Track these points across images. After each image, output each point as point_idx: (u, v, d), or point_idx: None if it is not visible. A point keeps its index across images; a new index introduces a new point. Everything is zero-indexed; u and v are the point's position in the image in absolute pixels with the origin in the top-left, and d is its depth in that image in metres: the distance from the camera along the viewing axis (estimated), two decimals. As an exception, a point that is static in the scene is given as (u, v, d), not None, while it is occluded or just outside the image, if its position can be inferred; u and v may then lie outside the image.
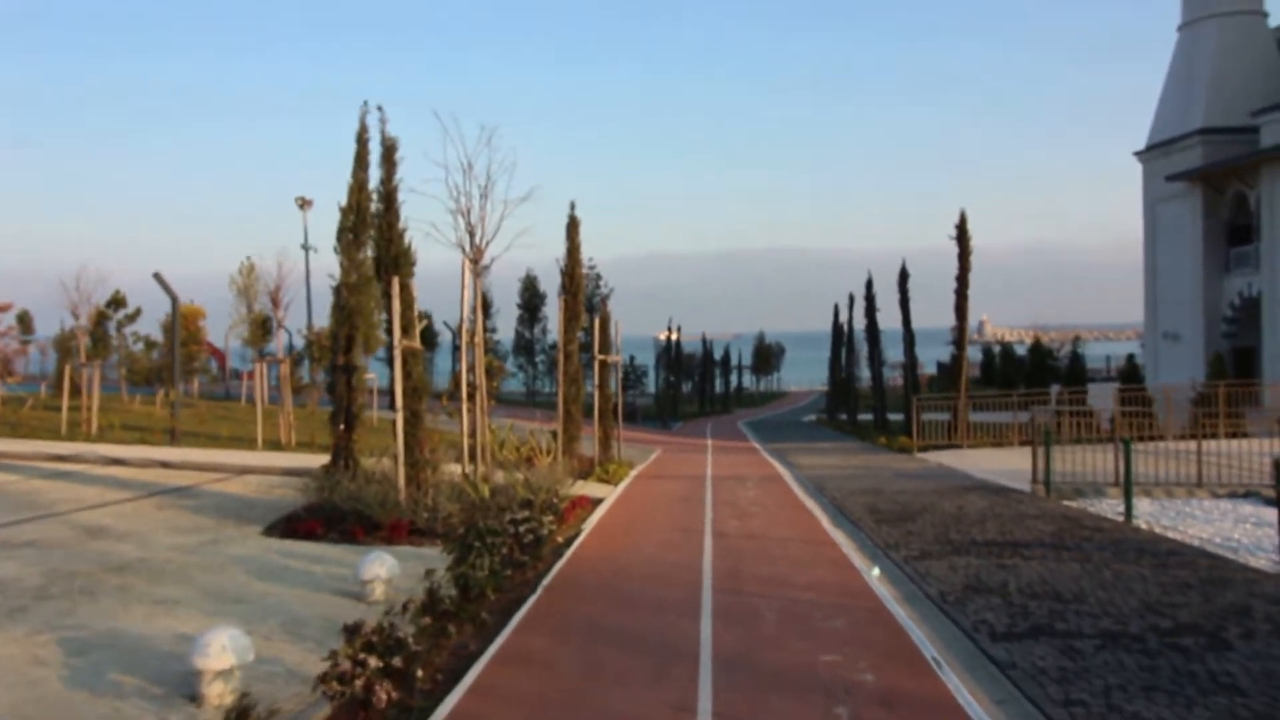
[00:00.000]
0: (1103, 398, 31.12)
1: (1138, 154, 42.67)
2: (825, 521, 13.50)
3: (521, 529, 9.14)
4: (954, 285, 28.53)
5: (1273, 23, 39.22)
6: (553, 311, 21.92)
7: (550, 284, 49.22)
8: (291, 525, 11.30)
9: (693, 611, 7.99)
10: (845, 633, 7.38)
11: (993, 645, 6.98)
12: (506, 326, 57.79)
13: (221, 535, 10.91)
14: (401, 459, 11.86)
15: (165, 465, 16.49)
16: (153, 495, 13.39)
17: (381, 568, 8.08)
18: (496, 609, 8.01)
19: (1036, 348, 54.07)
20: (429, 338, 53.55)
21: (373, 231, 12.73)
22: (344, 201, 12.60)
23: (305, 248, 38.99)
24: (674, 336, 58.46)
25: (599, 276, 50.98)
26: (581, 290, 21.38)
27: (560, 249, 20.86)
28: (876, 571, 9.86)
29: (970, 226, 28.12)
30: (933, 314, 34.36)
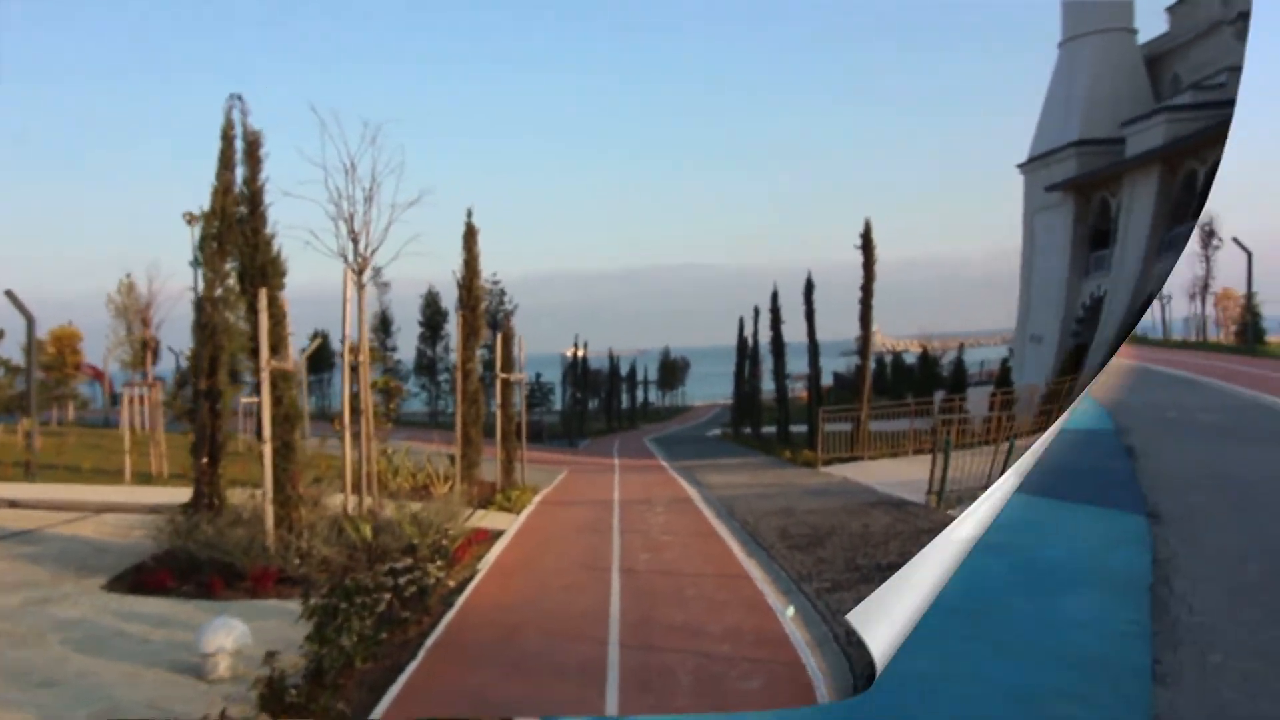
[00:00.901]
0: (979, 402, 31.68)
1: (1020, 166, 44.03)
2: (738, 550, 12.72)
3: (402, 580, 8.02)
4: (859, 295, 28.25)
5: (1140, 39, 40.89)
6: (455, 329, 20.72)
7: (453, 301, 47.63)
8: (140, 577, 9.93)
9: (598, 677, 6.99)
10: (764, 697, 6.51)
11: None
12: (408, 345, 55.77)
13: (54, 592, 9.47)
14: (269, 497, 10.61)
15: (13, 505, 14.73)
16: (-14, 542, 11.79)
17: (228, 637, 6.86)
18: (369, 679, 6.89)
19: (924, 356, 55.17)
20: (325, 358, 51.21)
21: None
22: (206, 206, 11.35)
23: (194, 265, 36.87)
24: (580, 353, 57.45)
25: (503, 292, 49.62)
26: (481, 304, 20.21)
27: (458, 262, 19.68)
28: (791, 611, 9.14)
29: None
30: (824, 328, 34.92)
